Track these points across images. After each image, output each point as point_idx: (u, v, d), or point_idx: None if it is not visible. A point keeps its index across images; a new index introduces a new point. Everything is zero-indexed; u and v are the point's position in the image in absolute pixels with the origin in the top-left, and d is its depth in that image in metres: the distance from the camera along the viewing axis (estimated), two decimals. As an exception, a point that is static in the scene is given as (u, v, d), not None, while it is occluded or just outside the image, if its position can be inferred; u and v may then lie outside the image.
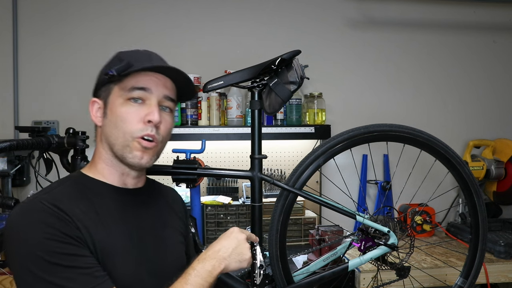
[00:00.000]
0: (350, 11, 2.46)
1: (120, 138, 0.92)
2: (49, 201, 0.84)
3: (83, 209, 0.87)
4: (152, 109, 0.92)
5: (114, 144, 0.93)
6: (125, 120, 0.91)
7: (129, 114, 0.91)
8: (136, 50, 0.98)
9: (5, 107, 2.19)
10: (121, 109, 0.92)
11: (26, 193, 2.12)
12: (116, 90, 0.93)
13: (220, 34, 2.36)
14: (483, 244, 1.42)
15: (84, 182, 0.94)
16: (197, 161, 1.27)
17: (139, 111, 0.92)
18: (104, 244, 0.87)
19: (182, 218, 1.13)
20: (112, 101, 0.93)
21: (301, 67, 1.25)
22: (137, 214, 0.97)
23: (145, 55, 0.97)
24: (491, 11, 2.59)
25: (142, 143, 0.92)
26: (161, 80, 0.95)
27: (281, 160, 2.40)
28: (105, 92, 0.95)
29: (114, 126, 0.92)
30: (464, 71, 2.58)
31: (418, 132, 1.33)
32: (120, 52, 0.97)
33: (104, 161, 0.96)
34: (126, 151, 0.92)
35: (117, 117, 0.92)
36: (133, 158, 0.92)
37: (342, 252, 1.39)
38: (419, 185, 1.72)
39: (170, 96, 0.97)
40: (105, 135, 0.95)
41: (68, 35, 2.22)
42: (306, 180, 1.27)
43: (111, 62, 0.97)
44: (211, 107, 2.17)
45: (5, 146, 1.10)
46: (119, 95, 0.93)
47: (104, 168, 0.96)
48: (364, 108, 2.46)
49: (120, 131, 0.92)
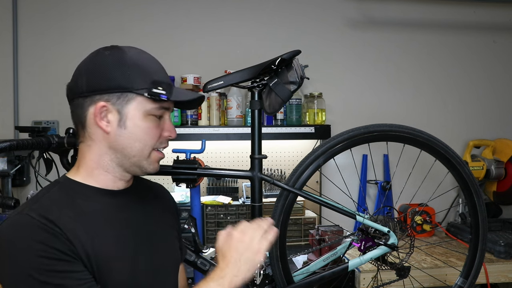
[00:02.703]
0: (350, 11, 2.46)
1: (140, 150, 0.92)
2: (38, 212, 0.82)
3: (73, 216, 0.85)
4: (170, 126, 0.97)
5: (133, 156, 0.92)
6: (149, 135, 0.92)
7: (152, 129, 0.93)
8: (138, 55, 0.93)
9: (5, 107, 2.19)
10: (145, 123, 0.91)
11: (26, 193, 2.12)
12: (142, 102, 0.90)
13: (220, 34, 2.36)
14: (483, 244, 1.42)
15: (73, 187, 0.92)
16: (197, 161, 1.27)
17: (159, 126, 0.95)
18: (97, 251, 0.85)
19: (172, 212, 1.12)
20: (134, 112, 0.90)
21: (301, 67, 1.25)
22: (128, 214, 0.96)
23: (156, 64, 0.95)
24: (491, 11, 2.59)
25: (160, 155, 0.97)
26: None
27: (281, 160, 2.40)
28: (121, 99, 0.89)
29: (136, 139, 0.91)
30: (464, 71, 2.58)
31: (418, 132, 1.34)
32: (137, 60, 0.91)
33: (103, 167, 0.93)
34: (146, 163, 0.94)
35: (142, 131, 0.91)
36: (151, 168, 0.96)
37: (342, 252, 1.39)
38: (419, 185, 1.72)
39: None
40: (119, 144, 0.91)
41: (68, 35, 2.22)
42: (306, 180, 1.28)
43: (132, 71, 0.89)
44: (211, 107, 2.17)
45: (5, 146, 1.10)
46: (143, 107, 0.90)
47: (100, 174, 0.93)
48: (364, 108, 2.46)
49: (142, 144, 0.92)
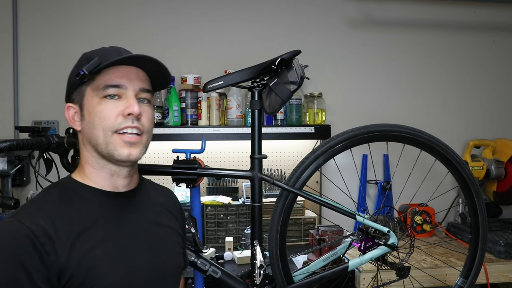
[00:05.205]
0: (350, 11, 2.46)
1: (101, 136, 0.89)
2: (30, 217, 0.82)
3: (67, 218, 0.85)
4: (130, 102, 0.90)
5: (97, 144, 0.90)
6: (103, 117, 0.89)
7: (107, 110, 0.89)
8: (102, 48, 0.96)
9: (5, 107, 2.19)
10: (98, 107, 0.89)
11: (26, 193, 2.12)
12: (90, 91, 0.91)
13: (220, 34, 2.36)
14: (483, 244, 1.42)
15: (74, 187, 0.92)
16: (197, 161, 1.27)
17: (117, 106, 0.90)
18: (85, 253, 0.84)
19: (178, 218, 1.11)
20: (87, 102, 0.91)
21: (301, 67, 1.26)
22: (128, 218, 0.95)
23: (113, 50, 0.94)
24: (491, 11, 2.60)
25: (124, 138, 0.90)
26: (134, 72, 0.93)
27: (281, 160, 2.40)
28: (79, 95, 0.93)
29: (93, 126, 0.90)
30: (464, 71, 2.58)
31: (418, 132, 1.34)
32: (86, 53, 0.95)
33: (91, 165, 0.93)
34: (111, 149, 0.89)
35: (95, 116, 0.89)
36: (120, 155, 0.90)
37: (342, 252, 1.39)
38: (419, 185, 1.72)
39: (146, 87, 0.95)
40: (86, 137, 0.92)
41: (68, 35, 2.22)
42: (306, 180, 1.28)
43: (79, 63, 0.94)
44: (211, 107, 2.17)
45: (5, 146, 1.09)
46: (93, 95, 0.90)
47: (92, 172, 0.93)
48: (364, 108, 2.46)
49: (99, 129, 0.89)
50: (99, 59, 0.88)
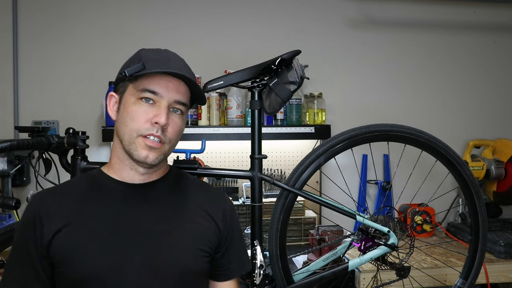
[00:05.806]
0: (350, 11, 2.46)
1: (127, 134, 0.95)
2: (46, 194, 0.98)
3: (73, 201, 0.96)
4: (160, 111, 0.95)
5: (123, 140, 0.97)
6: (133, 119, 0.95)
7: (138, 113, 0.95)
8: (157, 50, 1.01)
9: (5, 107, 2.19)
10: (133, 107, 0.95)
11: (26, 193, 2.11)
12: (131, 88, 0.97)
13: (220, 34, 2.36)
14: (483, 244, 1.42)
15: (96, 177, 1.02)
16: (197, 161, 1.27)
17: (148, 112, 0.95)
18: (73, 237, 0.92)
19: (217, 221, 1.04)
20: (126, 98, 0.98)
21: (301, 67, 1.26)
22: (135, 208, 0.97)
23: (164, 57, 1.00)
24: (491, 11, 2.60)
25: (146, 142, 0.95)
26: (174, 83, 0.98)
27: (281, 160, 2.40)
28: (122, 88, 0.99)
29: (123, 123, 0.97)
30: (464, 71, 2.58)
31: (419, 132, 1.34)
32: (142, 50, 1.01)
33: (116, 154, 1.01)
34: (132, 148, 0.95)
35: (127, 114, 0.96)
36: (138, 156, 0.95)
37: (342, 252, 1.39)
38: (420, 185, 1.72)
39: (182, 100, 0.99)
40: (116, 129, 1.00)
41: (68, 35, 2.22)
42: (306, 180, 1.28)
43: (131, 59, 1.00)
44: (211, 107, 2.17)
45: (5, 146, 1.10)
46: (132, 93, 0.97)
47: (116, 163, 1.01)
48: (364, 108, 2.46)
49: (127, 128, 0.95)
50: (142, 65, 0.94)
